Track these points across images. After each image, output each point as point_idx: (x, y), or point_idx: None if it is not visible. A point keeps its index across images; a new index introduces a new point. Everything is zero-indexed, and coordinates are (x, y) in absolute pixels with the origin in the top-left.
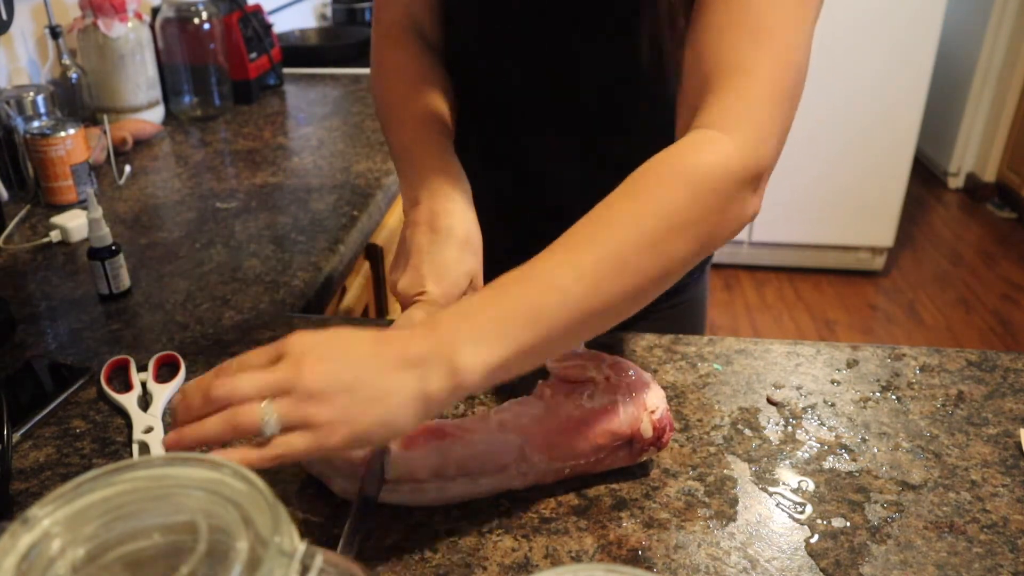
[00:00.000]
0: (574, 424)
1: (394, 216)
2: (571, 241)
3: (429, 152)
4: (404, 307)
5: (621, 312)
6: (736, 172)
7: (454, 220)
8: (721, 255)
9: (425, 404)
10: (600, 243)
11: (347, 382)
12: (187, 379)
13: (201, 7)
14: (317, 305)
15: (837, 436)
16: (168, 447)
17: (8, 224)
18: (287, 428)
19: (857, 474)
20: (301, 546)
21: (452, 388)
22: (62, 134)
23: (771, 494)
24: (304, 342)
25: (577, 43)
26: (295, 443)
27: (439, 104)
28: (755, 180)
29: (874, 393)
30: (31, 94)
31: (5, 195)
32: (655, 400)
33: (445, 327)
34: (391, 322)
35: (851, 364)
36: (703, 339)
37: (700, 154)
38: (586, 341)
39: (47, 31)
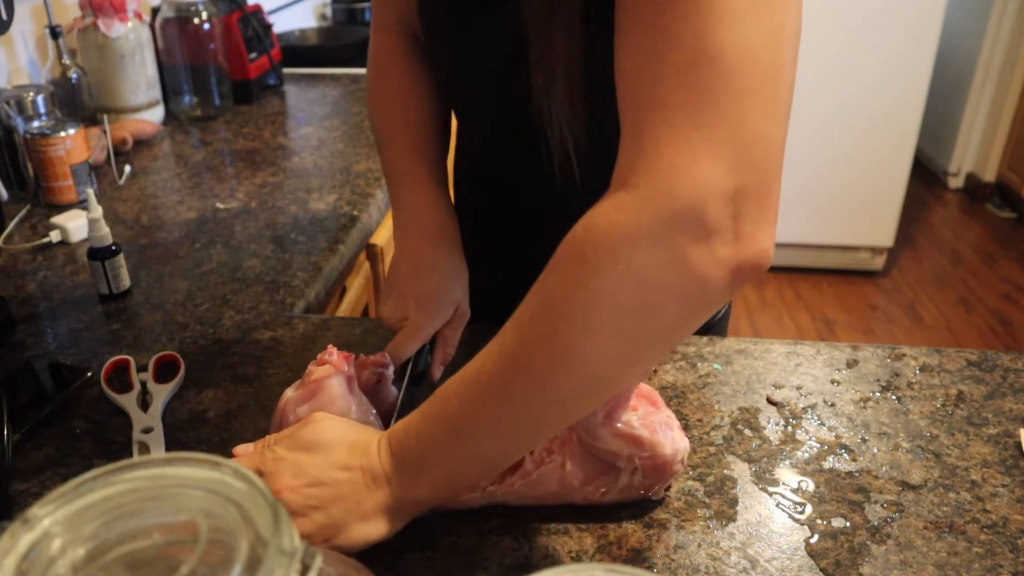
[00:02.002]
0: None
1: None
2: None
3: (419, 182)
4: (389, 330)
5: (553, 419)
6: (641, 228)
7: (439, 253)
8: None
9: (387, 518)
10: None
11: (319, 500)
12: (187, 379)
13: (201, 7)
14: (317, 305)
15: (837, 436)
16: None
17: (8, 224)
18: None
19: (857, 474)
20: (301, 546)
21: (411, 505)
22: (62, 134)
23: (771, 494)
24: (277, 459)
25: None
26: None
27: (431, 124)
28: (683, 224)
29: (874, 393)
30: (31, 94)
31: (5, 195)
32: (678, 467)
33: (397, 453)
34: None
35: (851, 364)
36: (703, 339)
37: (593, 221)
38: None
39: (47, 31)
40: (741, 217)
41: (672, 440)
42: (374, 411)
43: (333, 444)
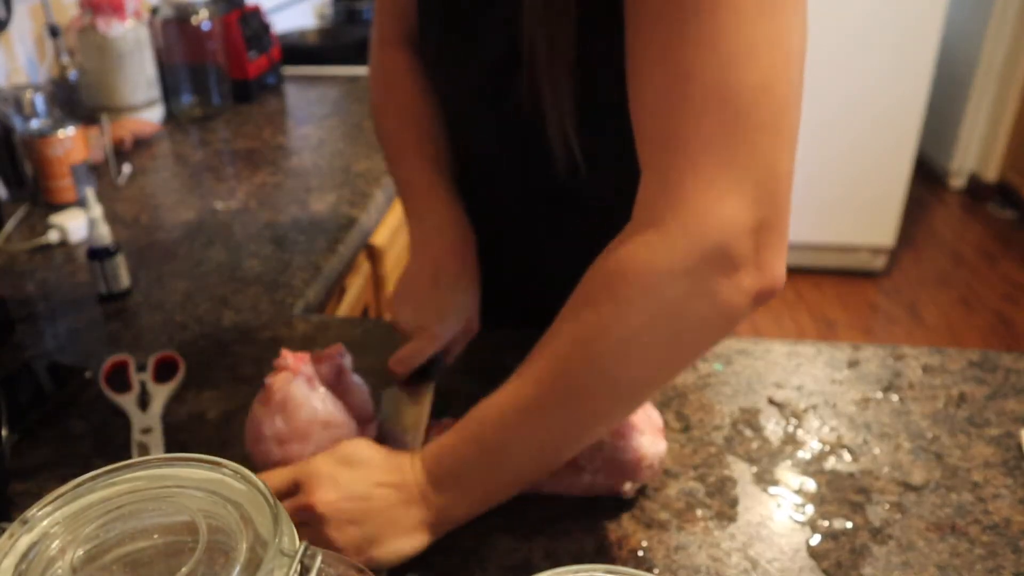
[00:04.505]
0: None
1: (394, 216)
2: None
3: (440, 196)
4: (403, 335)
5: (586, 435)
6: (674, 266)
7: (461, 268)
8: None
9: (420, 535)
10: (544, 403)
11: (354, 515)
12: (186, 379)
13: (200, 6)
14: (316, 305)
15: (838, 437)
16: None
17: (7, 224)
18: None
19: (858, 475)
20: (301, 546)
21: (443, 524)
22: (61, 133)
23: (772, 495)
24: (316, 473)
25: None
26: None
27: (443, 137)
28: (713, 261)
29: (875, 393)
30: (29, 93)
31: (4, 195)
32: (646, 470)
33: (431, 472)
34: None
35: (852, 364)
36: None
37: (623, 260)
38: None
39: (46, 30)
40: (762, 248)
41: (638, 444)
42: (340, 404)
43: (369, 461)
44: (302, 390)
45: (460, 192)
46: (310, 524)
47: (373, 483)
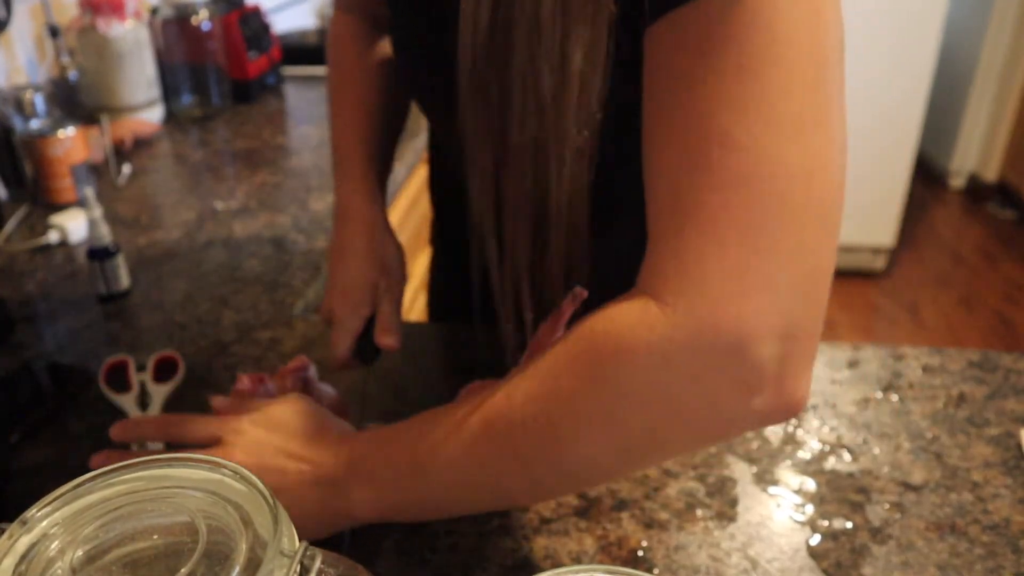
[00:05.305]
0: None
1: (393, 216)
2: (470, 413)
3: (348, 168)
4: (331, 327)
5: (518, 496)
6: (672, 356)
7: (356, 239)
8: None
9: (320, 521)
10: (494, 436)
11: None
12: (186, 379)
13: (200, 6)
14: (316, 305)
15: (838, 436)
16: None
17: (7, 224)
18: None
19: (858, 475)
20: (300, 546)
21: (346, 517)
22: (61, 134)
23: (772, 495)
24: (238, 431)
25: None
26: None
27: (378, 108)
28: (722, 362)
29: (875, 393)
30: (29, 93)
31: (4, 195)
32: None
33: (353, 461)
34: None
35: (852, 364)
36: None
37: (618, 331)
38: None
39: (46, 30)
40: (787, 361)
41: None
42: None
43: (295, 430)
44: None
45: (447, 180)
46: None
47: (290, 454)
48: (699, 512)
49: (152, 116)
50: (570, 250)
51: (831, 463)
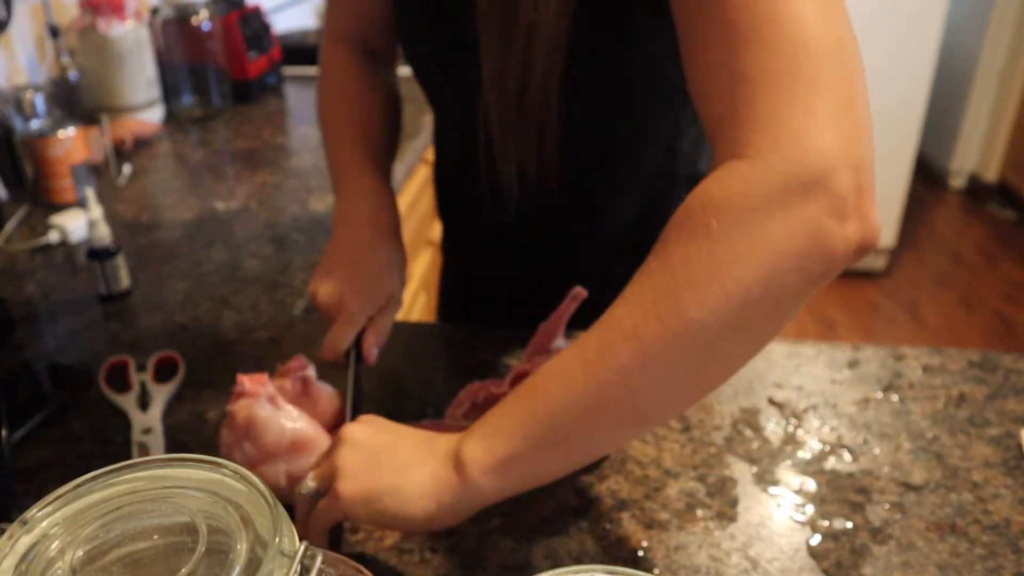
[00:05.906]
0: None
1: None
2: (587, 337)
3: (362, 172)
4: (324, 316)
5: (653, 405)
6: (771, 197)
7: (376, 241)
8: None
9: (436, 490)
10: (613, 335)
11: (371, 463)
12: (186, 380)
13: (200, 7)
14: None
15: (838, 437)
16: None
17: (7, 224)
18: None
19: (858, 475)
20: (301, 547)
21: (459, 481)
22: (61, 134)
23: (772, 495)
24: (354, 433)
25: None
26: (320, 505)
27: (377, 125)
28: (816, 193)
29: (875, 393)
30: (30, 93)
31: (4, 195)
32: None
33: (465, 433)
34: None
35: (852, 364)
36: None
37: (710, 194)
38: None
39: (46, 30)
40: (861, 191)
41: None
42: (307, 416)
43: (401, 427)
44: (266, 411)
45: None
46: (329, 471)
47: (404, 431)
48: (699, 512)
49: (152, 116)
50: (542, 121)
51: (831, 463)
